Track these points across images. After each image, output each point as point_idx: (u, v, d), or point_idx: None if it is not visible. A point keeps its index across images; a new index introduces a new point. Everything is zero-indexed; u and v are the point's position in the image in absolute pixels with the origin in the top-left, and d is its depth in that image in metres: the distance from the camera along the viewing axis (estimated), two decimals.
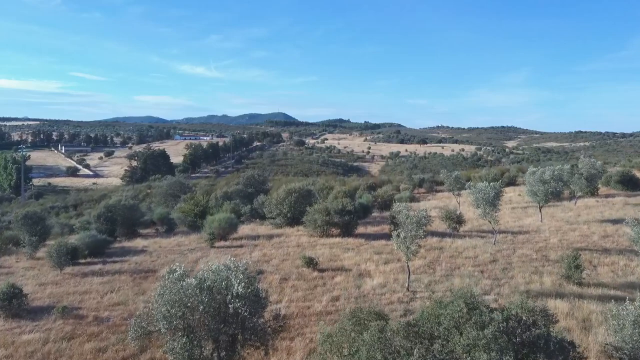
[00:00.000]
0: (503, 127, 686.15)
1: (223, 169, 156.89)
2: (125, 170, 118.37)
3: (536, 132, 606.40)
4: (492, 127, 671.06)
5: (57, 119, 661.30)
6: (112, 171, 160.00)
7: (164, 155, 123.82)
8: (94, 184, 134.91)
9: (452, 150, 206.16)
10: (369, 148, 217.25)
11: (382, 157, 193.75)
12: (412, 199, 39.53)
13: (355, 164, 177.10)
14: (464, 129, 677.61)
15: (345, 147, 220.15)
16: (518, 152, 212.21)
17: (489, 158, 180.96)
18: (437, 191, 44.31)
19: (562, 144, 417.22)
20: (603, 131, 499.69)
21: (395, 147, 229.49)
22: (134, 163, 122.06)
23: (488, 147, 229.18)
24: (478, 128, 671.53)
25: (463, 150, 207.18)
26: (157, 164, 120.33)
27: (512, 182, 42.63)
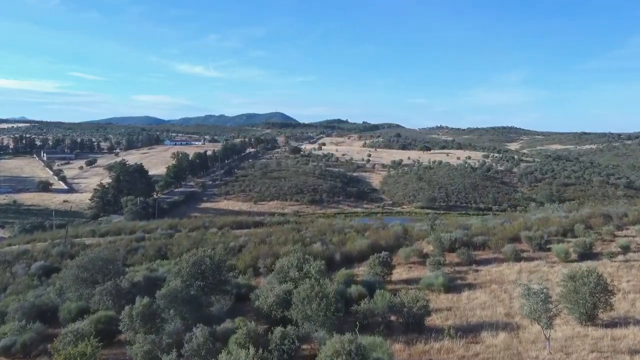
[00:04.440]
0: (504, 127, 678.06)
1: (210, 182, 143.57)
2: (95, 189, 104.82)
3: (538, 133, 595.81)
4: (493, 128, 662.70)
5: (54, 120, 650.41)
6: (89, 184, 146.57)
7: (140, 171, 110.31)
8: (64, 201, 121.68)
9: (458, 158, 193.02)
10: (369, 155, 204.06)
11: (384, 165, 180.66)
12: (448, 287, 26.30)
13: (355, 174, 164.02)
14: (464, 129, 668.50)
15: (343, 155, 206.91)
16: (528, 159, 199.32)
17: (499, 168, 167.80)
18: (477, 262, 31.02)
19: (566, 147, 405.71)
20: (605, 131, 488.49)
21: (396, 154, 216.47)
22: (107, 179, 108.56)
23: (495, 154, 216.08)
24: (479, 129, 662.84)
25: (470, 158, 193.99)
26: (133, 180, 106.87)
27: (587, 253, 29.38)
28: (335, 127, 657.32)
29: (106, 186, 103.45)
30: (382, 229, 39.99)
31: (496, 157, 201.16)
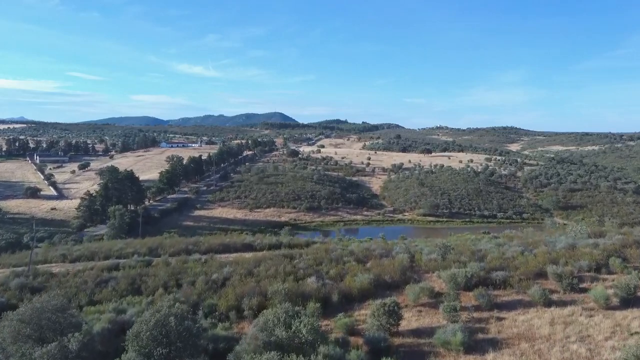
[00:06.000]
0: (504, 127, 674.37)
1: (205, 188, 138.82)
2: (82, 198, 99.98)
3: (539, 134, 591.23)
4: (493, 128, 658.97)
5: (54, 120, 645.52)
6: (80, 189, 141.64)
7: (131, 178, 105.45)
8: (52, 208, 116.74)
9: (460, 162, 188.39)
10: (369, 158, 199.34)
11: (384, 169, 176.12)
12: (468, 345, 21.65)
13: (354, 178, 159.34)
14: (464, 130, 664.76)
15: (343, 158, 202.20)
16: (531, 162, 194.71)
17: (503, 172, 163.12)
18: (498, 305, 26.40)
19: (568, 148, 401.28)
20: (605, 131, 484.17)
21: (397, 157, 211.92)
22: (96, 186, 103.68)
23: (498, 157, 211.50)
24: (479, 129, 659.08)
25: (472, 161, 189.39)
26: (123, 188, 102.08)
27: (631, 299, 24.79)
28: (334, 128, 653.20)
29: (93, 194, 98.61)
30: (385, 257, 35.38)
31: (499, 160, 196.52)
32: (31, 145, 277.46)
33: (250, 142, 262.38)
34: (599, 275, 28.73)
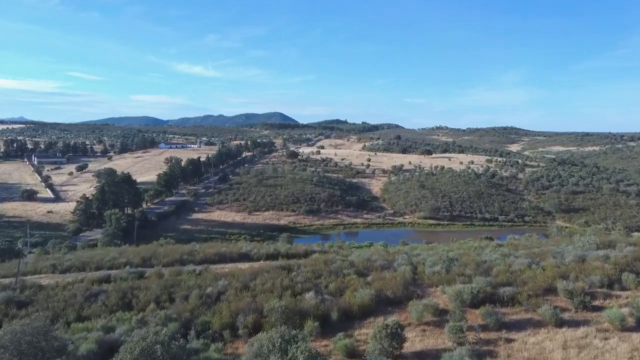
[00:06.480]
0: (504, 128, 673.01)
1: (203, 190, 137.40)
2: (78, 201, 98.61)
3: (539, 134, 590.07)
4: (493, 128, 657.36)
5: (54, 120, 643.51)
6: (78, 191, 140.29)
7: (128, 180, 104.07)
8: (49, 212, 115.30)
9: (461, 163, 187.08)
10: (369, 160, 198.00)
11: (384, 171, 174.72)
12: None
13: (354, 180, 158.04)
14: (464, 130, 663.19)
15: (342, 159, 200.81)
16: (532, 164, 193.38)
17: (504, 173, 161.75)
18: (507, 325, 25.02)
19: (568, 148, 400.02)
20: (605, 131, 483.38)
21: (397, 158, 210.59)
22: (92, 189, 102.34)
23: (499, 158, 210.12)
24: (479, 129, 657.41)
25: (472, 162, 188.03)
26: (120, 191, 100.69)
27: None
28: (334, 128, 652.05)
29: (90, 198, 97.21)
30: (387, 269, 34.04)
31: (500, 161, 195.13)
32: (29, 146, 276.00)
33: (249, 143, 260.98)
34: (612, 292, 27.34)
